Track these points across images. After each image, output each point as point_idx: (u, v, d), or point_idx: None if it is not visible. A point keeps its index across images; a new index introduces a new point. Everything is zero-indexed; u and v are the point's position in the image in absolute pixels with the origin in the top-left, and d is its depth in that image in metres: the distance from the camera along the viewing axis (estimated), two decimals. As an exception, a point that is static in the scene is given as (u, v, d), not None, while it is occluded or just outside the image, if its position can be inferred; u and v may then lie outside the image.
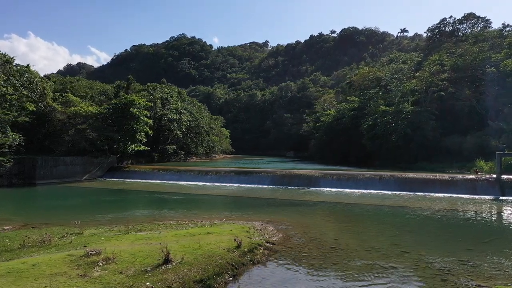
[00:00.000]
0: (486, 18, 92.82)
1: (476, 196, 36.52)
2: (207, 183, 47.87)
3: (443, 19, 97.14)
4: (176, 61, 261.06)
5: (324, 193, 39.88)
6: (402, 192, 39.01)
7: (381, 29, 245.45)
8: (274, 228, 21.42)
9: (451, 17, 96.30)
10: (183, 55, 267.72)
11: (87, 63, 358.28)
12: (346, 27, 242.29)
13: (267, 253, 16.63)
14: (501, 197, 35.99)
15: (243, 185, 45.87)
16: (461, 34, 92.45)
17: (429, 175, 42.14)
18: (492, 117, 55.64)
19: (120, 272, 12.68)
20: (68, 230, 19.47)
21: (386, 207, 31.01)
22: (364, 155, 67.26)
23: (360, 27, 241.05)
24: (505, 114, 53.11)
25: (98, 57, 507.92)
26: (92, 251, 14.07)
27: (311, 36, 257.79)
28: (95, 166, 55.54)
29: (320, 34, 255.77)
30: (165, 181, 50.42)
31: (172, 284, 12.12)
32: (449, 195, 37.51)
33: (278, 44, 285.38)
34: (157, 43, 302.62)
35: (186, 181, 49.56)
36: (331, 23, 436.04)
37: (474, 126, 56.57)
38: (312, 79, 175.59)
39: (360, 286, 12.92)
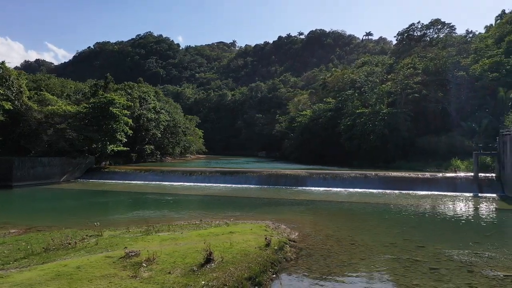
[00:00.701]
0: (451, 24, 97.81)
1: (458, 193, 38.54)
2: (194, 184, 47.63)
3: (411, 24, 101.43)
4: (143, 60, 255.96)
5: (313, 192, 40.74)
6: (388, 191, 40.51)
7: (348, 32, 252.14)
8: (287, 227, 21.88)
9: (418, 22, 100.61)
10: (150, 54, 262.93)
11: (45, 60, 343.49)
12: (313, 29, 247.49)
13: (294, 251, 17.07)
14: (479, 194, 38.19)
15: (230, 185, 46.00)
16: (428, 38, 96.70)
17: (412, 174, 44.09)
18: (464, 119, 58.79)
19: (169, 272, 12.74)
20: (86, 232, 19.05)
21: (380, 205, 32.20)
22: (342, 155, 69.05)
23: (327, 29, 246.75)
24: (475, 116, 56.31)
25: (56, 54, 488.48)
26: (132, 252, 13.98)
27: (280, 37, 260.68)
28: (73, 167, 53.81)
29: (288, 36, 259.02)
30: (148, 182, 49.63)
31: (227, 282, 12.31)
32: (432, 192, 39.36)
33: (246, 45, 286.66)
34: (122, 41, 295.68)
35: (171, 182, 49.06)
36: (298, 25, 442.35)
37: (446, 127, 59.57)
38: (282, 80, 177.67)
39: (400, 279, 13.61)
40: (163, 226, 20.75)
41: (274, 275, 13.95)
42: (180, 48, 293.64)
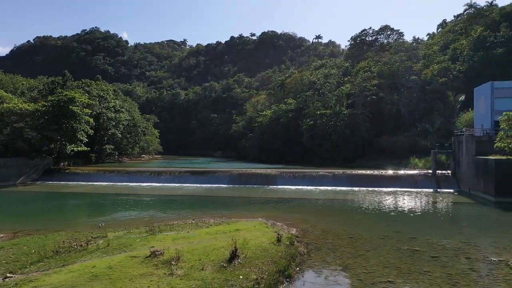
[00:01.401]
0: (399, 31, 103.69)
1: (419, 189, 41.34)
2: (164, 184, 46.98)
3: (363, 29, 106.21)
4: (89, 56, 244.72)
5: (286, 190, 41.76)
6: (356, 188, 42.51)
7: (298, 35, 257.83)
8: (282, 224, 22.66)
9: (370, 28, 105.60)
10: (97, 50, 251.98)
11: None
12: (265, 31, 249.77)
13: (303, 245, 17.85)
14: (438, 190, 41.31)
15: (202, 185, 45.94)
16: (379, 43, 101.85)
17: (377, 172, 46.63)
18: (416, 120, 62.97)
19: (202, 269, 13.02)
20: (86, 234, 18.55)
21: (355, 201, 33.91)
22: (303, 154, 71.06)
23: (279, 31, 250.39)
24: (429, 117, 60.54)
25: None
26: (157, 252, 14.01)
27: (232, 38, 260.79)
28: (30, 168, 50.97)
29: (241, 36, 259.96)
30: (115, 183, 48.15)
31: (262, 276, 12.81)
32: (396, 189, 41.88)
33: (198, 44, 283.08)
34: (66, 36, 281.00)
35: (138, 183, 48.01)
36: (250, 26, 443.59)
37: (402, 128, 63.48)
38: (236, 80, 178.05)
39: (411, 267, 14.82)
40: (166, 226, 20.74)
41: (298, 268, 14.64)
42: (129, 45, 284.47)
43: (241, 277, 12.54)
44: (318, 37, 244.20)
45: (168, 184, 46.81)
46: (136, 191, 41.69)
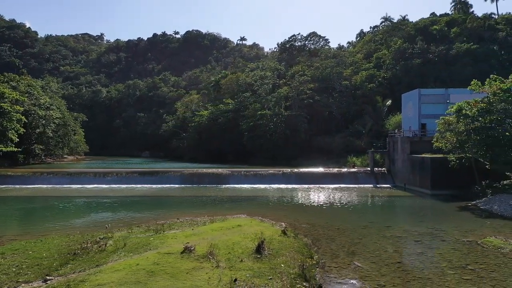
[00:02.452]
0: (326, 38, 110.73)
1: (361, 185, 45.46)
2: (112, 185, 45.36)
3: (293, 35, 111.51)
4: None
5: (241, 189, 43.08)
6: (305, 185, 45.32)
7: (223, 35, 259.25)
8: (268, 219, 23.99)
9: (299, 34, 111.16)
10: (1, 41, 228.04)
11: None
12: (190, 30, 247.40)
13: (304, 237, 19.44)
14: (377, 185, 45.84)
15: (154, 186, 45.35)
16: (307, 49, 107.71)
17: (322, 170, 50.08)
18: (348, 122, 68.39)
19: (241, 261, 14.04)
20: (90, 236, 18.12)
21: (315, 197, 36.45)
22: (244, 154, 72.84)
23: (203, 31, 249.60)
24: (361, 119, 66.15)
25: None
26: (191, 247, 14.55)
27: (155, 35, 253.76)
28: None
29: (164, 34, 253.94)
30: (56, 186, 45.26)
31: (297, 263, 14.13)
32: (340, 185, 45.53)
33: (117, 39, 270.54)
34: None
35: (83, 184, 45.77)
36: (173, 24, 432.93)
37: (336, 129, 68.42)
38: (162, 78, 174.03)
39: (406, 250, 17.26)
40: (171, 225, 20.82)
41: (317, 256, 16.18)
42: (39, 36, 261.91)
43: (282, 265, 13.76)
44: (243, 38, 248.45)
45: (117, 186, 45.29)
46: (85, 193, 39.84)
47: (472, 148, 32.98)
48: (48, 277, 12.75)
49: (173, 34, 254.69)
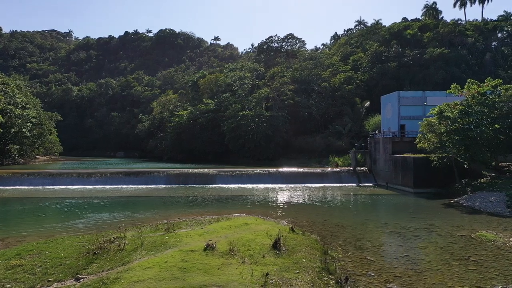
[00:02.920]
0: (302, 39, 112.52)
1: (344, 184, 46.89)
2: (97, 186, 44.81)
3: (270, 36, 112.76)
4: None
5: (229, 188, 43.56)
6: (290, 184, 46.28)
7: (196, 35, 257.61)
8: (269, 217, 24.72)
9: (276, 35, 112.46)
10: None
11: None
12: (163, 29, 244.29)
13: (310, 235, 20.23)
14: (360, 184, 47.40)
15: (140, 186, 45.14)
16: (284, 50, 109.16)
17: (306, 170, 51.20)
18: (328, 123, 70.05)
19: (263, 256, 14.67)
20: (109, 234, 18.21)
21: (299, 196, 37.34)
22: (224, 153, 73.24)
23: (177, 30, 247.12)
24: (341, 120, 67.94)
25: None
26: (213, 244, 15.03)
27: (127, 33, 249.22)
28: None
29: (136, 32, 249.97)
30: (38, 187, 44.25)
31: (316, 257, 14.89)
32: (324, 184, 46.80)
33: (87, 37, 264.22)
34: None
35: (67, 185, 45.01)
36: (145, 22, 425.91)
37: (316, 129, 69.94)
38: (136, 77, 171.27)
39: (408, 244, 18.37)
40: (177, 224, 21.08)
41: (329, 251, 17.00)
42: (3, 32, 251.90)
43: (303, 260, 14.49)
44: (216, 38, 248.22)
45: (102, 186, 44.77)
46: (72, 194, 39.18)
47: (452, 148, 34.85)
48: (79, 276, 12.93)
49: (146, 33, 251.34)
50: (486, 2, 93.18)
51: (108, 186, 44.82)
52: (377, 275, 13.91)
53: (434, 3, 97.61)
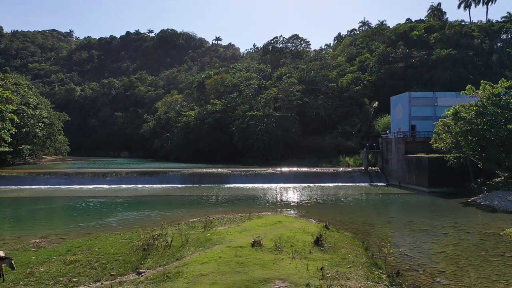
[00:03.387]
0: (306, 40, 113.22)
1: (356, 184, 47.44)
2: (112, 186, 45.28)
3: (275, 37, 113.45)
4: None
5: (244, 188, 44.04)
6: (304, 184, 46.73)
7: (198, 35, 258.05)
8: (297, 216, 25.29)
9: (281, 36, 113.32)
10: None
11: None
12: (165, 29, 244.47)
13: (344, 232, 20.79)
14: (372, 183, 47.99)
15: (155, 186, 45.66)
16: (289, 50, 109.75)
17: (319, 169, 51.79)
18: (335, 123, 70.68)
19: (310, 252, 15.21)
20: (142, 232, 18.77)
21: (318, 194, 37.86)
22: (232, 153, 73.78)
23: (178, 30, 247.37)
24: (347, 121, 68.60)
25: None
26: (261, 241, 15.59)
27: (128, 33, 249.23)
28: None
29: (138, 32, 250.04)
30: (55, 186, 44.75)
31: (361, 252, 15.45)
32: (337, 184, 47.32)
33: (88, 37, 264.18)
34: None
35: (83, 185, 45.52)
36: (147, 22, 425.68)
37: (323, 129, 70.54)
38: (139, 77, 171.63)
39: (442, 242, 18.95)
40: (211, 222, 21.52)
41: (369, 248, 17.56)
42: (5, 32, 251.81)
43: (349, 255, 15.06)
44: (218, 39, 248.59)
45: (118, 186, 45.27)
46: (91, 193, 39.70)
47: (468, 148, 35.47)
48: (140, 270, 13.46)
49: (147, 33, 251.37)
50: (490, 3, 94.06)
51: (123, 186, 45.32)
52: (422, 270, 14.48)
53: (439, 4, 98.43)
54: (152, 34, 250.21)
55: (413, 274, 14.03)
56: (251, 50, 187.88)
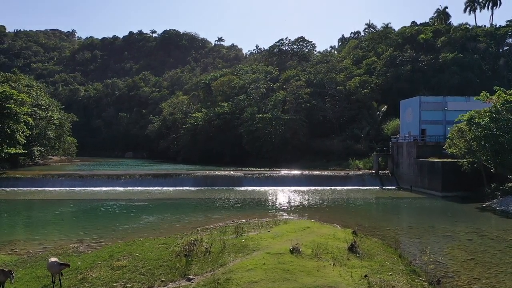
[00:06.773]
0: (312, 42, 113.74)
1: (367, 187, 47.92)
2: (127, 188, 45.83)
3: (280, 39, 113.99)
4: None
5: (257, 191, 44.55)
6: (318, 187, 47.09)
7: (201, 36, 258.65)
8: (322, 221, 25.78)
9: (286, 38, 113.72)
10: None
11: None
12: (167, 29, 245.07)
13: (372, 238, 21.28)
14: (383, 187, 48.47)
15: (170, 188, 46.11)
16: (294, 52, 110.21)
17: (330, 172, 52.24)
18: (343, 126, 71.17)
19: (348, 259, 15.64)
20: (174, 237, 19.29)
21: (335, 199, 38.37)
22: (241, 155, 74.28)
23: (181, 30, 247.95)
24: (355, 124, 69.11)
25: None
26: (298, 248, 16.07)
27: (131, 33, 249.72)
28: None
29: (140, 32, 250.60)
30: (70, 188, 45.23)
31: (410, 261, 15.98)
32: (348, 187, 47.79)
33: (91, 36, 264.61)
34: None
35: (98, 187, 45.96)
36: (150, 22, 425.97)
37: (333, 132, 71.06)
38: (143, 78, 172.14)
39: (469, 248, 19.48)
40: (240, 226, 21.89)
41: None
42: (8, 31, 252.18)
43: (387, 263, 15.55)
44: (220, 39, 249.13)
45: (132, 188, 45.78)
46: (108, 196, 40.22)
47: (482, 153, 35.98)
48: (190, 277, 13.94)
49: (150, 33, 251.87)
50: (495, 7, 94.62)
51: (138, 188, 45.78)
52: (457, 277, 14.99)
53: (446, 7, 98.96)
54: (155, 35, 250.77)
55: (450, 281, 14.53)
56: (254, 51, 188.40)
